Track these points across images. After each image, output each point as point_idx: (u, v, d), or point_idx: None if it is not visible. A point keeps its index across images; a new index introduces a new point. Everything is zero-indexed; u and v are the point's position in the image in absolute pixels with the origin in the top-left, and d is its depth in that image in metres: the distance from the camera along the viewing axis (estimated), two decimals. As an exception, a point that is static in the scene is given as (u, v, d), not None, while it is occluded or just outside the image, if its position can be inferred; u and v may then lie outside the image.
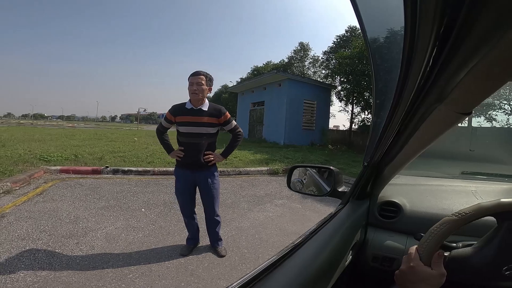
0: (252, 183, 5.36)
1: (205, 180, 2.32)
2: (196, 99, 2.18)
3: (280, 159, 8.13)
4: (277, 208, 3.93)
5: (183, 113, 2.22)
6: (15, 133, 12.45)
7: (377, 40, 0.51)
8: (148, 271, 2.08)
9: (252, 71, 26.28)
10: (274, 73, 14.11)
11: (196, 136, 2.22)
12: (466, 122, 5.31)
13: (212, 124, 2.24)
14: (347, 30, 18.73)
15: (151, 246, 2.49)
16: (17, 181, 4.07)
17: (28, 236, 2.47)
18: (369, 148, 0.81)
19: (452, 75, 0.39)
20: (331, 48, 19.48)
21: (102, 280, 1.92)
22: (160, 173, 5.53)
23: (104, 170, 5.24)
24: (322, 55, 21.10)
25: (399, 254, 0.91)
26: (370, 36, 0.48)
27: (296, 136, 13.54)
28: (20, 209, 3.11)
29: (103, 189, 4.19)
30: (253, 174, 6.24)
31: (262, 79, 14.95)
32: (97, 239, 2.53)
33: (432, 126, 0.54)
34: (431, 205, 1.01)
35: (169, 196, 4.04)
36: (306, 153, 10.49)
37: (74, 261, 2.13)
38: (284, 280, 0.47)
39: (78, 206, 3.35)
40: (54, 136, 11.63)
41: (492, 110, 5.74)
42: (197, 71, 2.20)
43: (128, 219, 3.08)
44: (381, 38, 0.51)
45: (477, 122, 5.76)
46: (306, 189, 1.48)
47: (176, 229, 2.90)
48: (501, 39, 0.29)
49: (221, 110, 2.28)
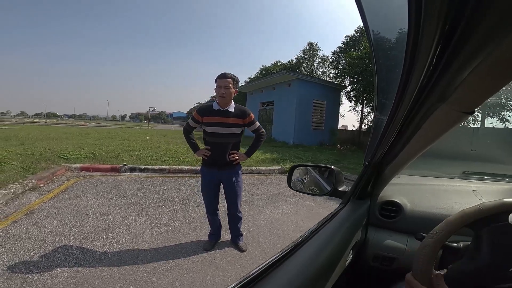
0: (264, 182, 5.44)
1: (229, 178, 2.40)
2: (224, 102, 2.26)
3: (291, 158, 8.20)
4: (291, 206, 4.02)
5: (210, 114, 2.29)
6: (31, 132, 12.83)
7: (380, 38, 0.51)
8: (175, 265, 2.19)
9: (261, 71, 26.36)
10: (284, 73, 14.17)
11: (222, 136, 2.29)
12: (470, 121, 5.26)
13: (237, 125, 2.32)
14: (357, 30, 18.60)
15: (175, 241, 2.60)
16: (42, 178, 4.25)
17: (60, 232, 2.61)
18: (370, 147, 0.81)
19: (455, 74, 0.39)
20: (341, 48, 19.37)
21: (134, 274, 2.03)
22: (175, 172, 5.67)
23: (122, 168, 5.41)
24: (331, 55, 21.02)
25: (400, 253, 0.93)
26: (373, 34, 0.48)
27: (305, 136, 13.57)
28: (48, 206, 3.27)
29: (123, 187, 4.34)
30: (265, 173, 6.33)
31: (271, 79, 15.01)
32: (124, 234, 2.66)
33: (434, 126, 0.54)
34: (432, 205, 1.01)
35: (186, 194, 4.17)
36: (315, 152, 10.52)
37: (106, 256, 2.25)
38: (285, 279, 0.47)
39: (102, 203, 3.50)
40: (69, 135, 11.97)
41: (494, 109, 5.68)
42: (224, 73, 2.25)
43: (150, 215, 3.21)
44: (384, 36, 0.51)
45: (479, 122, 5.69)
46: (306, 188, 1.49)
47: (197, 225, 3.01)
48: (504, 39, 0.29)
49: (246, 111, 2.36)
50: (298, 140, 13.24)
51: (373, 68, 0.57)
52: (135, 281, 1.94)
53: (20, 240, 2.38)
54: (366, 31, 0.47)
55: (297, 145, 12.67)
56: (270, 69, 25.05)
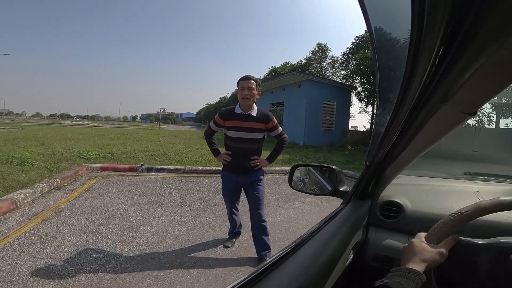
0: (277, 182, 5.53)
1: (250, 184, 2.33)
2: (247, 104, 2.18)
3: (301, 159, 8.27)
4: (305, 205, 4.10)
5: (233, 118, 2.22)
6: (48, 132, 13.21)
7: (383, 37, 0.50)
8: (199, 261, 2.30)
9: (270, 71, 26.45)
10: (294, 74, 14.24)
11: (244, 141, 2.23)
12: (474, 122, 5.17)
13: (260, 130, 2.25)
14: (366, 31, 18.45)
15: (197, 239, 2.72)
16: (65, 177, 4.45)
17: (88, 230, 2.75)
18: (371, 147, 0.80)
19: (459, 74, 0.38)
20: (350, 49, 19.29)
21: (162, 269, 2.15)
22: (190, 172, 5.82)
23: (140, 168, 5.59)
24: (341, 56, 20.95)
25: (400, 254, 0.93)
26: (375, 34, 0.47)
27: (315, 136, 13.60)
28: (74, 204, 3.44)
29: (142, 186, 4.50)
30: (277, 174, 6.41)
31: (281, 80, 15.09)
32: (148, 232, 2.79)
33: (436, 126, 0.54)
34: (433, 205, 1.00)
35: (203, 193, 4.30)
36: (326, 153, 10.55)
37: (133, 253, 2.37)
38: (285, 279, 0.47)
39: (124, 202, 3.65)
40: (85, 135, 12.31)
41: (496, 110, 5.60)
42: (247, 75, 2.20)
43: (171, 214, 3.34)
44: (386, 36, 0.50)
45: (481, 122, 5.60)
46: (307, 188, 1.47)
47: (216, 223, 3.13)
48: (508, 40, 0.30)
49: (268, 116, 2.29)
50: (308, 141, 13.27)
51: (375, 67, 0.57)
52: (163, 277, 2.06)
53: (53, 238, 2.52)
54: (368, 30, 0.46)
55: (307, 146, 12.71)
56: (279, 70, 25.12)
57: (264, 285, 0.44)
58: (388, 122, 0.59)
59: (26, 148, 6.89)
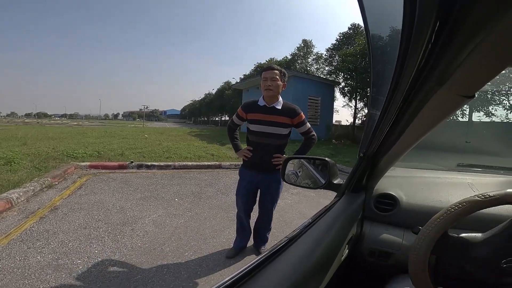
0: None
1: (269, 184, 2.19)
2: (270, 95, 2.03)
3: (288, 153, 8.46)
4: (293, 196, 4.32)
5: (255, 110, 2.09)
6: (28, 132, 12.75)
7: (374, 18, 0.47)
8: (199, 249, 2.45)
9: (256, 68, 26.52)
10: (280, 70, 14.41)
11: (266, 136, 2.07)
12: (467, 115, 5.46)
13: (285, 125, 2.08)
14: (350, 27, 18.96)
15: (194, 229, 2.86)
16: (55, 176, 4.43)
17: (88, 225, 2.81)
18: (364, 139, 0.78)
19: (455, 54, 0.36)
20: (334, 45, 19.72)
21: (165, 259, 2.27)
22: (180, 167, 5.91)
23: (129, 165, 5.61)
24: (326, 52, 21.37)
25: (396, 248, 0.91)
26: (368, 14, 0.45)
27: (301, 131, 13.86)
28: (69, 202, 3.47)
29: (134, 182, 4.56)
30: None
31: (267, 76, 15.23)
32: (147, 225, 2.90)
33: (432, 111, 0.51)
34: (427, 198, 1.00)
35: (195, 188, 4.44)
36: (312, 147, 10.82)
37: (136, 244, 2.48)
38: (277, 276, 0.45)
39: (119, 198, 3.72)
40: (67, 134, 12.01)
41: (490, 103, 5.96)
42: (271, 65, 2.04)
43: (166, 208, 3.45)
44: (378, 16, 0.48)
45: (477, 116, 5.92)
46: (301, 181, 1.43)
47: (211, 215, 3.29)
48: (503, 19, 0.28)
49: (295, 110, 2.09)
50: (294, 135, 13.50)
51: (368, 52, 0.55)
52: (168, 265, 2.19)
53: (54, 234, 2.58)
54: (360, 9, 0.44)
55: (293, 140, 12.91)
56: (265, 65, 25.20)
57: (256, 282, 0.42)
58: (382, 109, 0.57)
59: (9, 148, 6.72)
